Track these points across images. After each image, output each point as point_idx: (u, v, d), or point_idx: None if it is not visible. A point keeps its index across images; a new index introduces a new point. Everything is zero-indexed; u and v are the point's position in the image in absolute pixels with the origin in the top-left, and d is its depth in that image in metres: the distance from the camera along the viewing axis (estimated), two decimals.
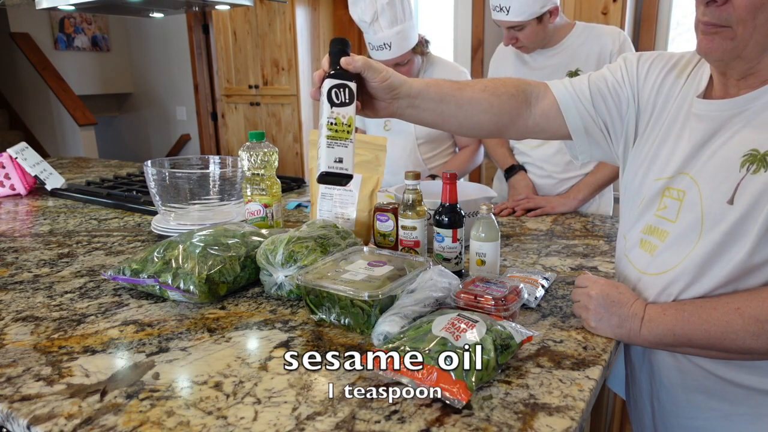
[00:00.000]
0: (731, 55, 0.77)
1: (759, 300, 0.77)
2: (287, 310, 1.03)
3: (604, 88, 0.97)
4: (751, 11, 0.71)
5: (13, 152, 2.02)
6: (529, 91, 1.00)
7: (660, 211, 0.89)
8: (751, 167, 0.75)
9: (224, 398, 0.74)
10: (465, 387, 0.71)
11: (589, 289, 0.92)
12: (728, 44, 0.75)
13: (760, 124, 0.76)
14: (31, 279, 1.19)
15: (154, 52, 5.35)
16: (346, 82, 0.90)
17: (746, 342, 0.77)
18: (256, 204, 1.34)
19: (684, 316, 0.82)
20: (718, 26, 0.75)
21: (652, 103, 0.94)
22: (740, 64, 0.78)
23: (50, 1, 1.81)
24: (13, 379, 0.80)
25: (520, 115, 1.00)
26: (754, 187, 0.75)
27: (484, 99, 0.98)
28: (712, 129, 0.82)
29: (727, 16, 0.73)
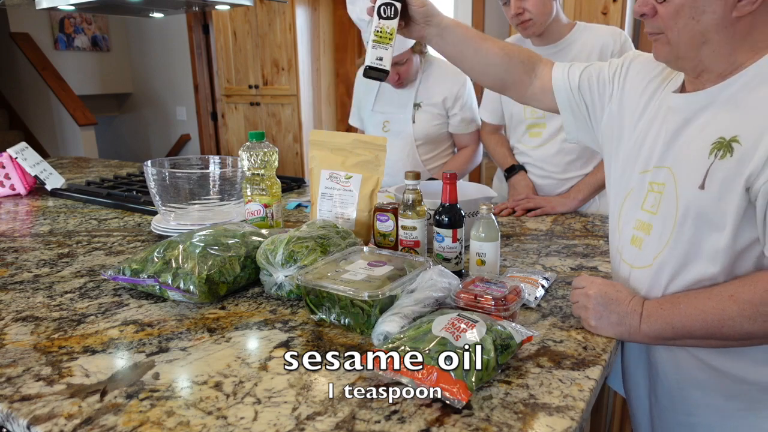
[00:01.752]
0: (672, 56, 0.87)
1: (751, 285, 0.79)
2: (287, 310, 1.03)
3: (593, 79, 1.07)
4: (673, 17, 0.81)
5: (13, 152, 2.02)
6: (536, 65, 1.13)
7: (646, 205, 0.93)
8: (719, 153, 0.80)
9: (224, 398, 0.74)
10: (465, 387, 0.71)
11: (587, 289, 0.93)
12: (666, 48, 0.86)
13: (726, 113, 0.82)
14: (31, 279, 1.19)
15: (154, 52, 5.35)
16: (393, 1, 1.09)
17: (744, 327, 0.79)
18: (256, 204, 1.34)
19: (681, 309, 0.84)
20: (655, 34, 0.86)
21: (636, 101, 0.99)
22: (685, 63, 0.87)
23: (50, 1, 1.81)
24: (13, 379, 0.80)
25: (522, 82, 1.13)
26: (722, 172, 0.80)
27: (498, 55, 1.12)
28: (684, 120, 0.88)
29: (658, 25, 0.84)
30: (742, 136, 0.78)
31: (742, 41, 0.80)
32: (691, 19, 0.80)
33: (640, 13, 0.86)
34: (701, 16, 0.79)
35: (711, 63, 0.83)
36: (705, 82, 0.86)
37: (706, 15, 0.79)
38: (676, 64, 0.89)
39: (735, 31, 0.80)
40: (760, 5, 0.77)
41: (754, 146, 0.76)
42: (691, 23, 0.80)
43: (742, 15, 0.78)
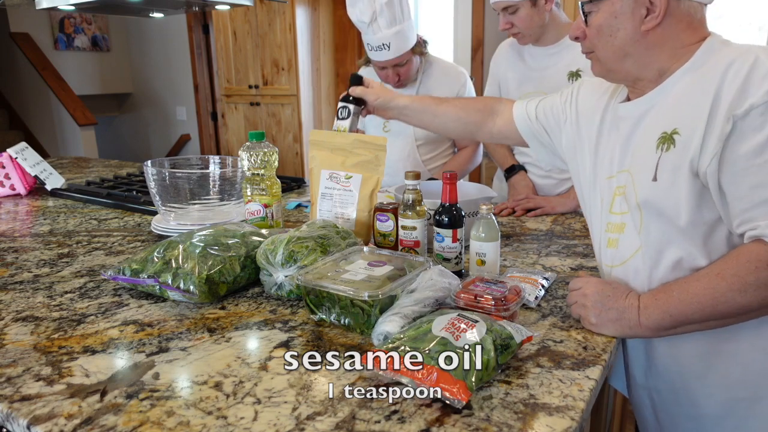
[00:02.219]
0: (604, 71, 0.97)
1: (734, 260, 0.83)
2: (287, 310, 1.03)
3: (548, 108, 1.18)
4: (596, 37, 0.93)
5: (13, 152, 2.02)
6: (495, 108, 1.28)
7: (614, 209, 1.00)
8: (664, 147, 0.88)
9: (224, 398, 0.74)
10: (465, 387, 0.71)
11: (584, 289, 0.95)
12: (598, 64, 0.97)
13: (665, 112, 0.90)
14: (31, 279, 1.19)
15: (154, 52, 5.35)
16: (347, 104, 1.35)
17: (736, 300, 0.81)
18: (256, 204, 1.34)
19: (674, 296, 0.86)
20: (588, 53, 0.98)
21: (591, 119, 1.08)
22: (616, 75, 0.97)
23: (50, 1, 1.81)
24: (13, 379, 0.80)
25: (485, 124, 1.28)
26: (669, 162, 0.87)
27: (454, 112, 1.30)
28: (633, 125, 0.96)
29: (588, 45, 0.96)
30: (680, 127, 0.86)
31: (660, 50, 0.90)
32: (610, 37, 0.91)
33: (574, 36, 0.97)
34: (617, 33, 0.90)
35: (639, 72, 0.93)
36: (643, 88, 0.95)
37: (620, 32, 0.90)
38: (610, 77, 0.99)
39: (649, 42, 0.89)
40: (663, 18, 0.87)
41: (691, 135, 0.84)
42: (610, 40, 0.91)
43: (649, 29, 0.88)
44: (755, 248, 0.80)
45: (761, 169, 0.78)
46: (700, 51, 0.88)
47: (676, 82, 0.89)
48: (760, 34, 2.94)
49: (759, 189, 0.78)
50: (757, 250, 0.79)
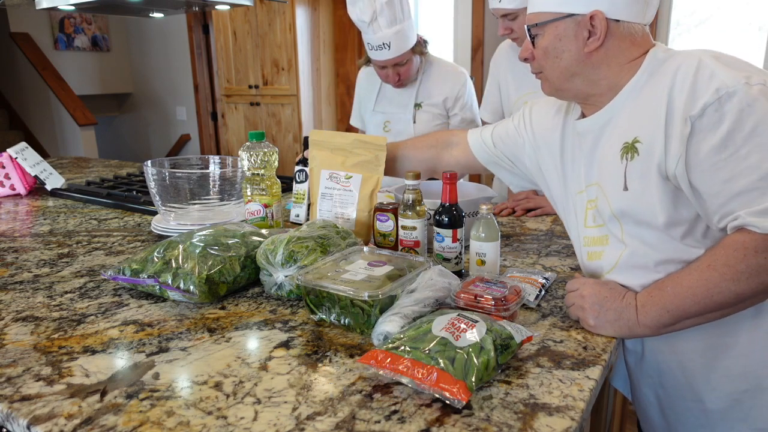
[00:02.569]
0: (553, 90, 1.00)
1: (721, 250, 0.83)
2: (287, 310, 1.03)
3: (503, 134, 1.21)
4: (543, 59, 0.96)
5: (13, 152, 2.02)
6: (449, 141, 1.33)
7: (588, 222, 1.02)
8: (628, 156, 0.91)
9: (224, 398, 0.74)
10: (465, 387, 0.71)
11: (581, 290, 0.95)
12: (547, 83, 1.00)
13: (623, 123, 0.93)
14: (31, 279, 1.19)
15: (154, 52, 5.35)
16: (303, 168, 1.42)
17: (731, 289, 0.82)
18: (256, 204, 1.34)
19: (668, 291, 0.87)
20: (537, 73, 1.01)
21: (549, 138, 1.10)
22: (566, 94, 1.00)
23: (50, 1, 1.81)
24: (13, 379, 0.80)
25: (442, 158, 1.33)
26: (636, 170, 0.90)
27: (411, 155, 1.36)
28: (594, 139, 0.98)
29: (537, 66, 0.99)
30: (641, 135, 0.89)
31: (606, 67, 0.93)
32: (556, 59, 0.95)
33: (524, 57, 1.00)
34: (562, 55, 0.94)
35: (588, 89, 0.96)
36: (596, 103, 0.97)
37: (565, 54, 0.93)
38: (560, 95, 1.02)
39: (594, 62, 0.93)
40: (605, 40, 0.90)
41: (653, 141, 0.86)
42: (556, 62, 0.95)
43: (592, 50, 0.91)
44: (740, 237, 0.81)
45: (728, 162, 0.79)
46: (646, 62, 0.91)
47: (628, 94, 0.92)
48: (760, 34, 2.94)
49: (731, 182, 0.80)
50: (743, 238, 0.80)
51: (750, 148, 0.78)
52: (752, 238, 0.79)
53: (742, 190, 0.79)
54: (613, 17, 0.89)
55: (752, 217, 0.78)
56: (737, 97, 0.78)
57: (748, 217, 0.79)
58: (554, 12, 0.92)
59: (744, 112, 0.77)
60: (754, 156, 0.77)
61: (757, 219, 0.78)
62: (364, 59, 1.96)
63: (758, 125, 0.77)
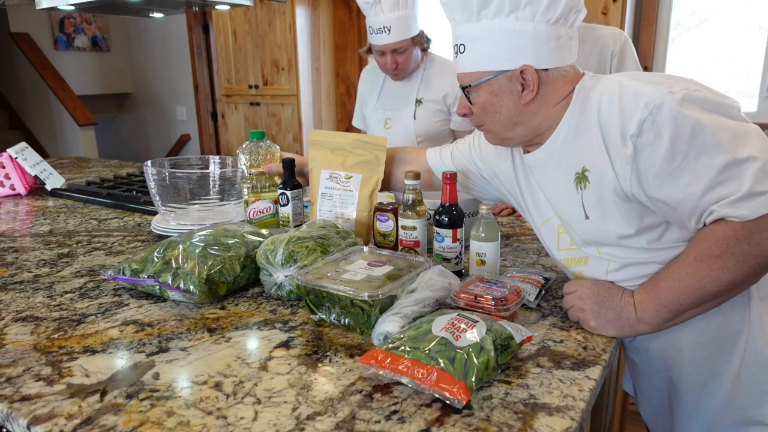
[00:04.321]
0: (498, 140, 1.02)
1: (704, 242, 0.84)
2: (287, 310, 1.03)
3: (460, 156, 1.21)
4: (482, 114, 0.99)
5: (13, 152, 2.02)
6: (400, 156, 1.31)
7: (562, 245, 1.03)
8: (581, 185, 0.93)
9: (224, 398, 0.74)
10: (465, 387, 0.71)
11: (580, 292, 0.95)
12: (490, 135, 1.03)
13: (568, 155, 0.95)
14: (31, 279, 1.19)
15: (154, 52, 5.35)
16: (284, 191, 1.35)
17: (722, 278, 0.83)
18: (266, 202, 1.34)
19: (662, 287, 0.88)
20: (479, 126, 1.03)
21: (502, 165, 1.11)
22: (511, 141, 1.02)
23: (50, 1, 1.81)
24: (13, 379, 0.80)
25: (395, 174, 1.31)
26: (592, 198, 0.92)
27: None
28: (542, 172, 1.01)
29: (476, 120, 1.02)
30: (588, 164, 0.91)
31: (544, 111, 0.95)
32: (496, 113, 0.97)
33: (461, 113, 1.02)
34: (501, 109, 0.96)
35: (531, 134, 0.98)
36: (539, 142, 0.99)
37: (503, 108, 0.96)
38: (506, 144, 1.04)
39: (531, 110, 0.95)
40: (539, 89, 0.93)
41: (601, 167, 0.88)
42: (497, 116, 0.97)
43: (528, 101, 0.94)
44: (720, 228, 0.82)
45: (683, 168, 0.81)
46: (575, 94, 0.93)
47: (565, 128, 0.94)
48: (760, 34, 2.94)
49: (693, 185, 0.81)
50: (722, 229, 0.81)
51: (697, 150, 0.79)
52: (732, 227, 0.80)
53: (706, 188, 0.80)
54: (541, 67, 0.92)
55: (726, 208, 0.79)
56: (666, 106, 0.80)
57: (722, 209, 0.79)
58: (484, 71, 0.95)
59: (677, 118, 0.79)
60: (704, 155, 0.79)
61: (731, 210, 0.79)
62: (365, 47, 1.97)
63: (695, 126, 0.79)
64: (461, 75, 1.00)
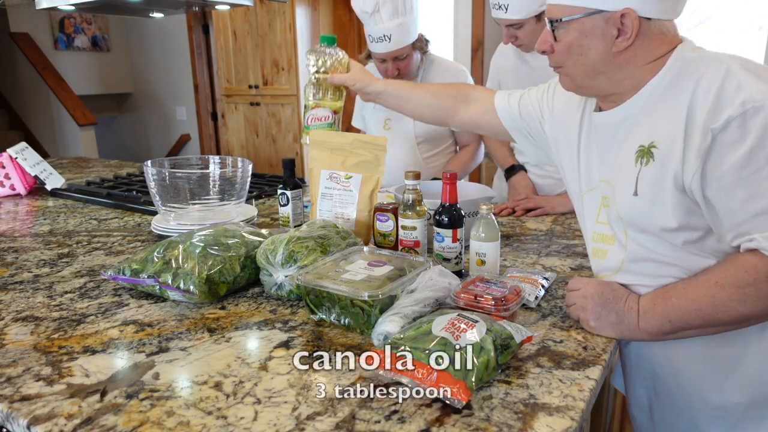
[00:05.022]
0: (574, 86, 0.96)
1: (731, 268, 0.82)
2: (287, 310, 1.03)
3: (529, 104, 1.15)
4: (566, 54, 0.91)
5: (13, 152, 2.02)
6: (468, 94, 1.26)
7: (600, 218, 0.99)
8: (643, 160, 0.87)
9: (224, 398, 0.74)
10: (465, 387, 0.71)
11: (583, 291, 0.94)
12: (567, 79, 0.95)
13: (640, 124, 0.89)
14: (31, 279, 1.19)
15: (154, 52, 5.35)
16: (284, 191, 1.45)
17: (737, 310, 0.81)
18: (325, 110, 1.32)
19: (673, 302, 0.86)
20: (557, 68, 0.96)
21: (569, 121, 1.05)
22: (587, 91, 0.96)
23: (50, 1, 1.81)
24: (13, 379, 0.80)
25: (457, 111, 1.26)
26: (649, 176, 0.86)
27: (425, 97, 1.30)
28: (610, 135, 0.94)
29: (556, 60, 0.94)
30: (657, 141, 0.85)
31: (633, 66, 0.88)
32: (581, 56, 0.89)
33: (542, 50, 0.94)
34: (588, 53, 0.88)
35: (610, 88, 0.91)
36: (616, 100, 0.93)
37: (591, 51, 0.88)
38: (580, 92, 0.98)
39: (620, 61, 0.87)
40: (635, 40, 0.85)
41: (670, 148, 0.83)
42: (581, 59, 0.89)
43: (621, 50, 0.86)
44: (753, 259, 0.79)
45: (750, 180, 0.76)
46: (671, 61, 0.86)
47: (649, 93, 0.88)
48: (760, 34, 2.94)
49: (751, 201, 0.77)
50: (755, 261, 0.79)
51: None
52: (765, 263, 0.77)
53: (760, 211, 0.76)
54: (644, 15, 0.83)
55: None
56: (764, 112, 0.74)
57: (764, 241, 0.76)
58: (582, 7, 0.85)
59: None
60: None
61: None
62: (365, 53, 1.96)
63: None
64: (552, 6, 0.89)
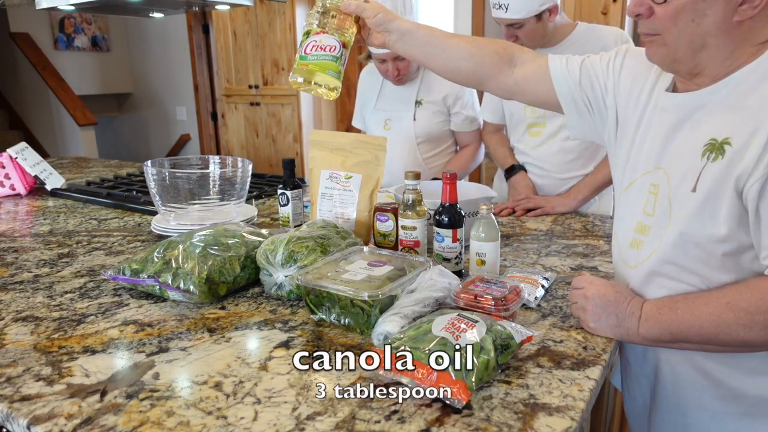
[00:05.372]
0: (668, 59, 0.84)
1: (747, 292, 0.78)
2: (287, 310, 1.03)
3: (592, 72, 1.02)
4: (672, 19, 0.78)
5: (13, 152, 2.02)
6: (515, 54, 1.07)
7: (647, 208, 0.91)
8: (711, 156, 0.79)
9: (224, 398, 0.74)
10: (465, 387, 0.71)
11: (586, 290, 0.93)
12: (662, 50, 0.83)
13: (718, 115, 0.80)
14: (31, 279, 1.19)
15: (154, 52, 5.35)
16: (284, 191, 1.43)
17: (740, 335, 0.78)
18: (332, 38, 1.01)
19: (678, 315, 0.83)
20: (650, 35, 0.83)
21: (635, 96, 0.96)
22: (681, 66, 0.84)
23: (50, 1, 1.81)
24: (13, 379, 0.80)
25: (502, 71, 1.06)
26: (713, 174, 0.79)
27: (467, 49, 1.06)
28: (677, 121, 0.86)
29: (654, 26, 0.81)
30: (734, 137, 0.77)
31: (742, 44, 0.78)
32: (691, 22, 0.77)
33: (636, 13, 0.83)
34: (702, 19, 0.76)
35: (707, 66, 0.81)
36: (700, 84, 0.84)
37: (707, 18, 0.76)
38: (671, 67, 0.87)
39: (734, 34, 0.77)
40: (762, 9, 0.74)
41: (745, 147, 0.75)
42: (691, 26, 0.78)
43: (743, 19, 0.76)
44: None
45: None
46: None
47: (738, 81, 0.78)
48: None
49: None
50: None
51: None
52: None
53: None
54: None
55: None
56: None
57: None
58: None
59: None
60: None
61: None
62: (365, 54, 1.96)
63: None
64: None
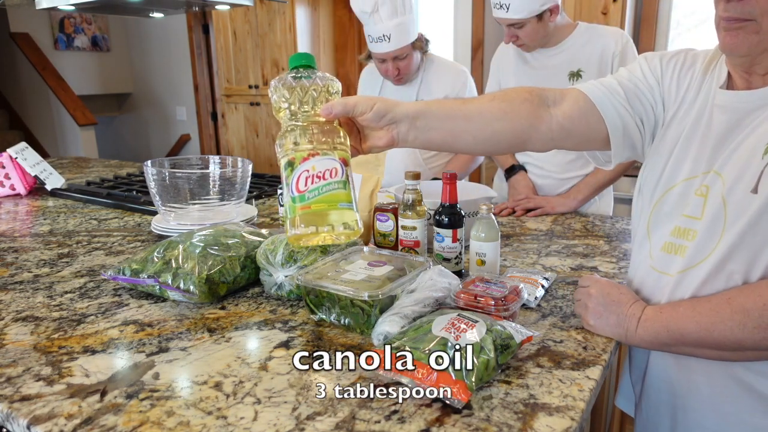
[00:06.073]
0: (758, 49, 0.75)
1: (749, 291, 0.77)
2: (287, 310, 1.03)
3: (634, 87, 0.93)
4: None
5: (13, 152, 2.02)
6: (543, 94, 0.94)
7: (687, 211, 0.85)
8: None
9: (224, 398, 0.74)
10: (465, 387, 0.71)
11: (590, 288, 0.92)
12: (754, 38, 0.73)
13: None
14: (31, 279, 1.19)
15: (154, 52, 5.35)
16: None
17: (734, 332, 0.76)
18: (328, 159, 0.81)
19: (678, 312, 0.83)
20: (741, 20, 0.73)
21: (673, 99, 0.91)
22: (762, 61, 0.76)
23: (50, 1, 1.81)
24: (13, 379, 0.80)
25: (541, 118, 0.91)
26: None
27: (495, 106, 0.91)
28: (735, 120, 0.80)
29: (750, 10, 0.72)
30: None
31: None
32: None
33: None
34: None
35: None
36: (765, 81, 0.78)
37: None
38: (753, 59, 0.77)
39: None
40: None
41: None
42: None
43: None
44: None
45: None
46: None
47: None
48: None
49: None
50: None
51: None
52: None
53: None
54: None
55: None
56: None
57: None
58: None
59: None
60: None
61: None
62: (365, 54, 1.97)
63: None
64: None
